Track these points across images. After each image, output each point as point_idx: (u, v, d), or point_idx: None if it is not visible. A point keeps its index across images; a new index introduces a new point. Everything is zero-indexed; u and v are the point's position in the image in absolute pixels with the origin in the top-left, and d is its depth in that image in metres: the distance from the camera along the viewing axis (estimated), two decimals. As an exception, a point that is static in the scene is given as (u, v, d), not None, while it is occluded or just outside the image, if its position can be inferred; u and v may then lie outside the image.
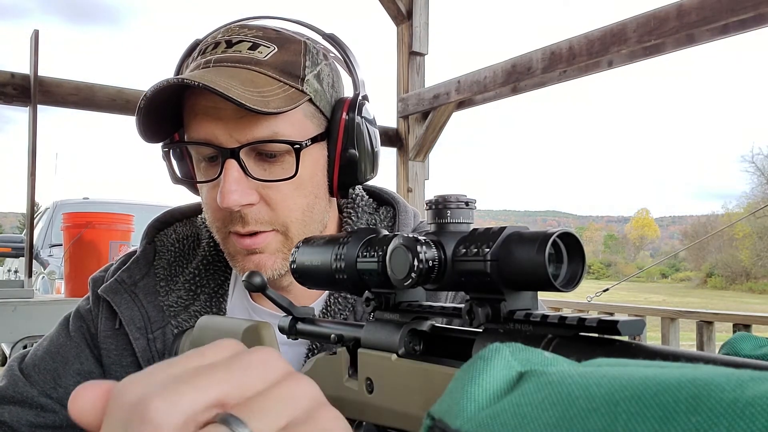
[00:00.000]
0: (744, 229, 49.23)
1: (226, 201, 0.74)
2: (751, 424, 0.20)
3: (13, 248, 5.08)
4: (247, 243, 0.78)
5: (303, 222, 0.80)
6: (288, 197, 0.78)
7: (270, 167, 0.77)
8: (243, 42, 0.78)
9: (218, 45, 0.78)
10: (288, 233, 0.79)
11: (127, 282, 0.88)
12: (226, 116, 0.74)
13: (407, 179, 4.30)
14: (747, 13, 2.47)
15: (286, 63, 0.78)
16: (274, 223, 0.78)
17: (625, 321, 0.32)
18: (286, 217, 0.78)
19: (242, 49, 0.77)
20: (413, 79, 4.33)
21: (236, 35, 0.79)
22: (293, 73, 0.77)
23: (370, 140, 0.84)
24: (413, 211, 0.93)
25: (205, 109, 0.75)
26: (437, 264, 0.42)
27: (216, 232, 0.82)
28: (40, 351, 0.90)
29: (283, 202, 0.78)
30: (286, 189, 0.78)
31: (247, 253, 0.79)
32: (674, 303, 25.83)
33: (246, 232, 0.78)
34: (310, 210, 0.81)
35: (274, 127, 0.75)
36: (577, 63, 3.13)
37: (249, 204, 0.76)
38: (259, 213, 0.77)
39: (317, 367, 0.57)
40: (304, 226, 0.80)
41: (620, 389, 0.23)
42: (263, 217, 0.78)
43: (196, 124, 0.76)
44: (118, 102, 3.34)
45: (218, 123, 0.75)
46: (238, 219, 0.77)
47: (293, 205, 0.79)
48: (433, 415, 0.28)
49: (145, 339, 0.84)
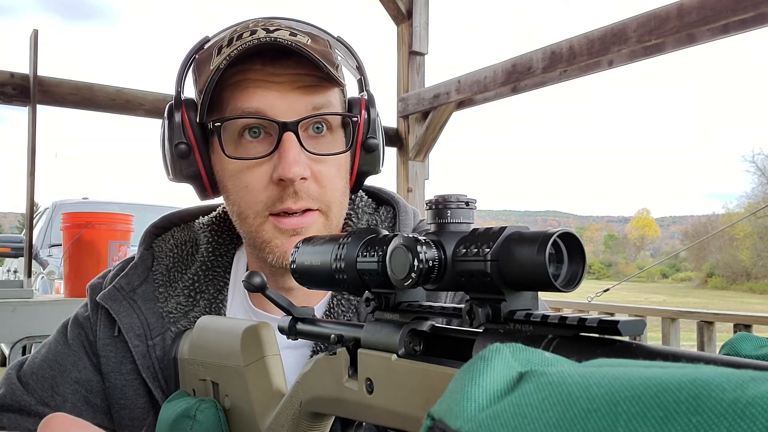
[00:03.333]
0: (745, 229, 49.23)
1: (291, 172, 0.74)
2: (751, 425, 0.20)
3: (12, 248, 5.07)
4: (294, 222, 0.78)
5: (341, 205, 0.82)
6: (333, 176, 0.80)
7: (317, 144, 0.79)
8: (281, 30, 0.79)
9: (256, 32, 0.78)
10: (329, 214, 0.80)
11: (125, 289, 0.88)
12: (283, 88, 0.75)
13: (407, 179, 4.30)
14: (747, 13, 2.47)
15: (323, 52, 0.79)
16: (322, 200, 0.79)
17: (625, 321, 0.32)
18: (331, 195, 0.80)
19: (284, 35, 0.77)
20: (413, 79, 4.33)
21: (270, 25, 0.80)
22: (330, 60, 0.79)
23: (382, 137, 0.88)
24: (413, 210, 0.92)
25: (258, 83, 0.75)
26: (437, 264, 0.42)
27: (252, 218, 0.79)
28: (38, 359, 0.90)
29: (329, 179, 0.79)
30: (332, 166, 0.80)
31: (292, 233, 0.78)
32: (675, 303, 25.84)
33: (298, 208, 0.77)
34: (345, 194, 0.83)
35: (329, 98, 0.78)
36: (578, 63, 3.13)
37: (304, 178, 0.77)
38: (309, 189, 0.78)
39: (317, 367, 0.57)
40: (341, 210, 0.83)
41: (621, 389, 0.23)
42: (313, 193, 0.78)
43: (246, 96, 0.76)
44: (118, 102, 3.34)
45: (275, 94, 0.75)
46: (290, 195, 0.76)
47: (337, 184, 0.81)
48: (433, 415, 0.27)
49: (145, 346, 0.84)
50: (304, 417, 0.59)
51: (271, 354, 0.69)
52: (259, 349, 0.68)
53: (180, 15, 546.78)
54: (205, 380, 0.75)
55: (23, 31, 20.24)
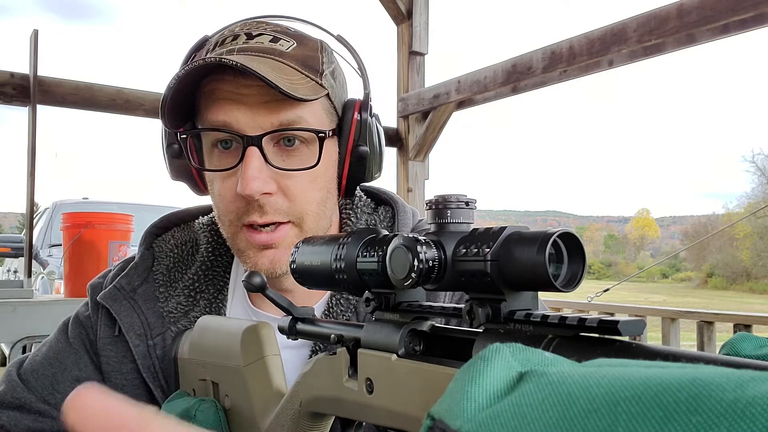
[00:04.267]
0: (745, 229, 49.23)
1: (248, 188, 0.74)
2: (751, 425, 0.20)
3: (12, 248, 5.07)
4: (263, 239, 0.78)
5: (317, 215, 0.80)
6: (305, 188, 0.78)
7: (288, 157, 0.78)
8: (263, 35, 0.78)
9: (238, 37, 0.79)
10: (303, 226, 0.79)
11: (126, 288, 0.88)
12: (250, 102, 0.74)
13: (407, 179, 4.30)
14: (747, 13, 2.47)
15: (307, 57, 0.78)
16: (291, 213, 0.78)
17: (625, 321, 0.32)
18: (302, 208, 0.79)
19: (264, 41, 0.78)
20: (413, 79, 4.33)
21: (255, 29, 0.80)
22: (313, 67, 0.78)
23: (379, 140, 0.86)
24: (412, 210, 0.92)
25: (227, 94, 0.75)
26: (437, 264, 0.42)
27: (227, 226, 0.81)
28: (38, 356, 0.90)
29: (301, 193, 0.78)
30: (303, 180, 0.78)
31: (262, 248, 0.78)
32: (675, 303, 25.83)
33: (263, 222, 0.77)
34: (324, 204, 0.81)
35: (299, 114, 0.76)
36: (578, 63, 3.13)
37: (268, 193, 0.76)
38: (276, 203, 0.77)
39: (317, 367, 0.57)
40: (318, 220, 0.81)
41: (621, 389, 0.23)
42: (281, 207, 0.77)
43: (216, 109, 0.76)
44: (118, 102, 3.34)
45: (241, 108, 0.75)
46: (255, 209, 0.76)
47: (310, 197, 0.79)
48: (433, 415, 0.27)
49: (145, 345, 0.84)
50: (304, 417, 0.59)
51: (271, 354, 0.69)
52: (259, 349, 0.68)
53: (179, 14, 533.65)
54: (205, 380, 0.75)
55: (21, 30, 20.23)
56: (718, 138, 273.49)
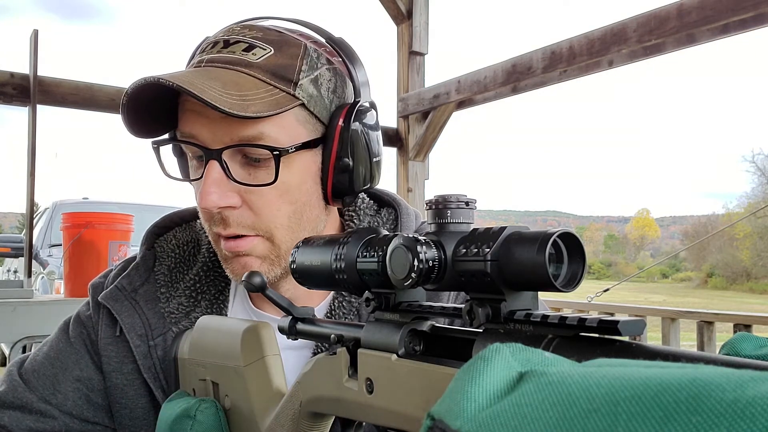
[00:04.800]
0: (745, 229, 49.21)
1: (204, 202, 0.74)
2: (751, 425, 0.20)
3: (12, 248, 5.07)
4: (230, 245, 0.78)
5: (289, 228, 0.78)
6: (271, 203, 0.76)
7: (254, 171, 0.76)
8: (240, 42, 0.77)
9: (216, 44, 0.78)
10: (273, 239, 0.78)
11: (127, 289, 0.88)
12: (211, 116, 0.73)
13: (407, 179, 4.30)
14: (747, 13, 2.47)
15: (279, 66, 0.76)
16: (257, 228, 0.77)
17: (625, 321, 0.32)
18: (269, 222, 0.77)
19: (237, 50, 0.76)
20: (413, 79, 4.33)
21: (236, 35, 0.78)
22: (285, 77, 0.76)
23: (368, 149, 0.81)
24: (415, 212, 0.92)
25: (193, 106, 0.75)
26: (437, 264, 0.42)
27: (207, 231, 0.82)
28: (39, 356, 0.90)
29: (267, 208, 0.76)
30: (269, 195, 0.76)
31: (234, 255, 0.79)
32: (675, 303, 25.82)
33: (227, 234, 0.77)
34: (298, 217, 0.79)
35: (261, 130, 0.74)
36: (578, 63, 3.13)
37: (230, 207, 0.75)
38: (241, 217, 0.77)
39: (317, 367, 0.57)
40: (291, 233, 0.79)
41: (621, 389, 0.23)
42: (245, 221, 0.77)
43: (183, 121, 0.76)
44: (118, 102, 3.33)
45: (203, 122, 0.74)
46: (218, 221, 0.77)
47: (277, 211, 0.77)
48: (434, 415, 0.28)
49: (146, 346, 0.84)
50: (304, 417, 0.59)
51: (271, 354, 0.69)
52: (259, 349, 0.68)
53: (179, 13, 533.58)
54: (205, 380, 0.75)
55: (20, 30, 20.14)
56: (718, 138, 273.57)
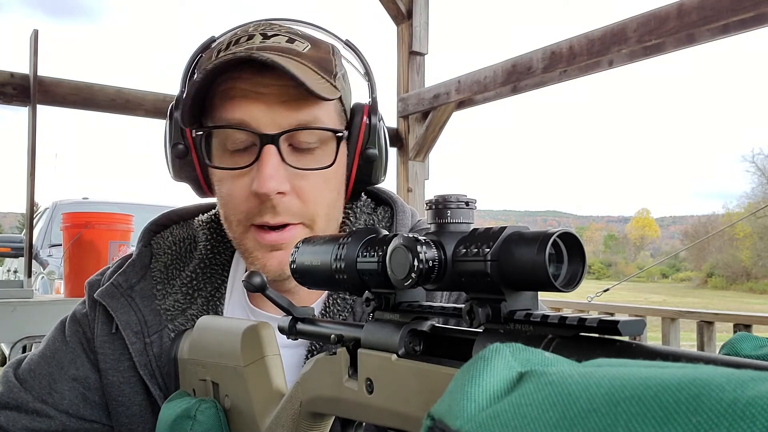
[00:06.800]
0: (744, 229, 49.21)
1: (265, 186, 0.73)
2: (751, 424, 0.20)
3: (12, 248, 5.07)
4: (273, 238, 0.78)
5: (328, 216, 0.81)
6: (318, 189, 0.78)
7: (302, 158, 0.78)
8: (279, 35, 0.79)
9: (253, 37, 0.78)
10: (314, 227, 0.79)
11: (123, 286, 0.88)
12: (268, 100, 0.74)
13: (407, 179, 4.30)
14: (747, 13, 2.47)
15: (322, 59, 0.79)
16: (304, 215, 0.78)
17: (625, 321, 0.32)
18: (314, 209, 0.79)
19: (281, 41, 0.78)
20: (413, 79, 4.33)
21: (269, 30, 0.80)
22: (328, 69, 0.79)
23: (385, 144, 0.87)
24: (411, 210, 0.92)
25: (244, 93, 0.75)
26: (437, 264, 0.42)
27: (235, 226, 0.80)
28: (35, 356, 0.90)
29: (313, 194, 0.78)
30: (317, 181, 0.78)
31: (270, 249, 0.78)
32: (675, 303, 25.82)
33: (276, 223, 0.77)
34: (334, 205, 0.82)
35: (316, 115, 0.76)
36: (578, 63, 3.13)
37: (282, 193, 0.76)
38: (290, 203, 0.77)
39: (317, 367, 0.57)
40: (328, 222, 0.81)
41: (621, 389, 0.23)
42: (293, 208, 0.77)
43: (232, 107, 0.75)
44: (118, 102, 3.34)
45: (260, 106, 0.75)
46: (268, 209, 0.76)
47: (321, 198, 0.79)
48: (433, 415, 0.28)
49: (142, 343, 0.84)
50: (304, 417, 0.59)
51: (271, 354, 0.69)
52: (259, 349, 0.68)
53: (166, 12, 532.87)
54: (205, 380, 0.75)
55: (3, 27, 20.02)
56: (718, 138, 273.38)
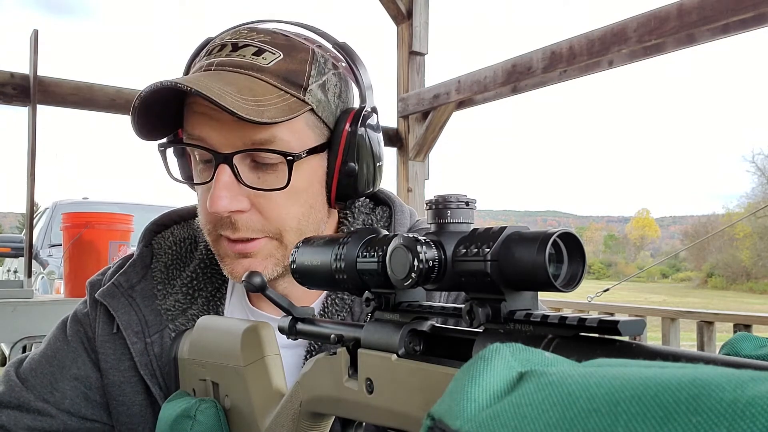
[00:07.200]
0: (744, 229, 49.21)
1: (214, 206, 0.73)
2: (751, 424, 0.20)
3: (12, 248, 5.07)
4: (238, 248, 0.78)
5: (298, 230, 0.79)
6: (281, 206, 0.77)
7: (264, 175, 0.76)
8: (249, 46, 0.77)
9: (224, 47, 0.78)
10: (282, 239, 0.78)
11: (124, 286, 0.88)
12: (223, 119, 0.73)
13: (407, 179, 4.30)
14: (747, 13, 2.47)
15: (290, 72, 0.76)
16: (266, 230, 0.78)
17: (625, 321, 0.32)
18: (279, 224, 0.78)
19: (247, 53, 0.76)
20: (413, 79, 4.33)
21: (243, 39, 0.78)
22: (296, 82, 0.76)
23: (372, 154, 0.82)
24: (409, 210, 0.92)
25: (203, 109, 0.75)
26: (437, 264, 0.42)
27: (207, 234, 0.81)
28: (37, 355, 0.90)
29: (276, 211, 0.77)
30: (279, 198, 0.77)
31: (239, 256, 0.79)
32: (675, 303, 25.82)
33: (236, 238, 0.77)
34: (306, 218, 0.80)
35: (273, 134, 0.74)
36: (578, 63, 3.13)
37: (239, 211, 0.75)
38: (250, 220, 0.77)
39: (317, 367, 0.57)
40: (299, 234, 0.79)
41: (621, 389, 0.23)
42: (254, 225, 0.77)
43: (193, 123, 0.76)
44: (118, 102, 3.34)
45: (214, 125, 0.74)
46: (228, 224, 0.77)
47: (286, 214, 0.78)
48: (433, 415, 0.28)
49: (143, 343, 0.84)
50: (304, 417, 0.59)
51: (271, 354, 0.69)
52: (259, 349, 0.68)
53: (158, 9, 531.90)
54: (205, 380, 0.75)
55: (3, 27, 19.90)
56: (718, 138, 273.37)
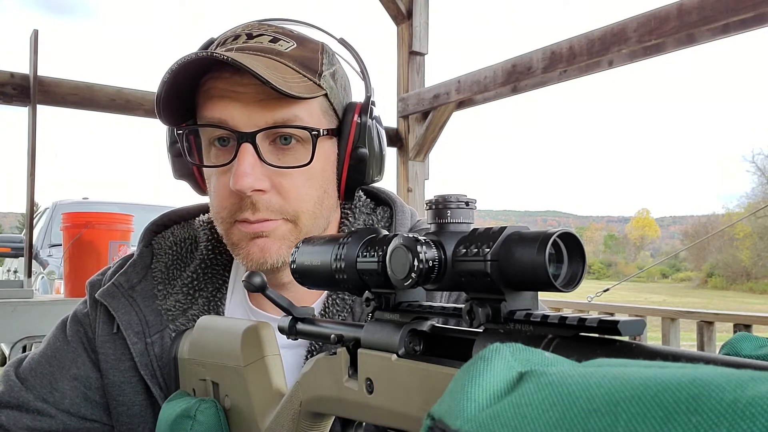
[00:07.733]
0: (744, 229, 49.20)
1: (239, 183, 0.74)
2: (751, 424, 0.20)
3: (12, 248, 5.07)
4: (254, 227, 0.78)
5: (313, 214, 0.81)
6: (300, 186, 0.78)
7: (283, 156, 0.78)
8: (263, 35, 0.80)
9: (238, 37, 0.80)
10: (298, 223, 0.79)
11: (124, 286, 0.88)
12: (245, 99, 0.75)
13: (407, 179, 4.30)
14: (747, 13, 2.47)
15: (305, 58, 0.80)
16: (285, 212, 0.78)
17: (625, 321, 0.32)
18: (297, 206, 0.79)
19: (264, 41, 0.79)
20: (413, 79, 4.33)
21: (257, 30, 0.81)
22: (311, 67, 0.79)
23: (379, 143, 0.86)
24: (410, 210, 0.93)
25: (223, 92, 0.76)
26: (437, 264, 0.42)
27: (221, 222, 0.81)
28: (36, 355, 0.90)
29: (295, 191, 0.78)
30: (298, 178, 0.78)
31: (253, 236, 0.79)
32: (675, 303, 25.83)
33: (255, 219, 0.77)
34: (320, 203, 0.81)
35: (295, 113, 0.76)
36: (578, 63, 3.14)
37: (260, 190, 0.76)
38: (270, 201, 0.77)
39: (317, 367, 0.57)
40: (314, 219, 0.81)
41: (621, 389, 0.23)
42: (274, 205, 0.78)
43: (212, 105, 0.77)
44: (118, 102, 3.34)
45: (236, 105, 0.75)
46: (248, 206, 0.77)
47: (305, 195, 0.79)
48: (434, 415, 0.28)
49: (143, 343, 0.84)
50: (304, 417, 0.59)
51: (271, 354, 0.69)
52: (259, 349, 0.68)
53: (160, 9, 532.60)
54: (205, 380, 0.75)
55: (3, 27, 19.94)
56: (718, 138, 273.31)
